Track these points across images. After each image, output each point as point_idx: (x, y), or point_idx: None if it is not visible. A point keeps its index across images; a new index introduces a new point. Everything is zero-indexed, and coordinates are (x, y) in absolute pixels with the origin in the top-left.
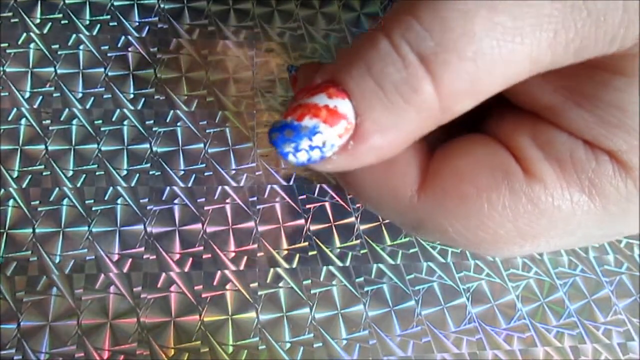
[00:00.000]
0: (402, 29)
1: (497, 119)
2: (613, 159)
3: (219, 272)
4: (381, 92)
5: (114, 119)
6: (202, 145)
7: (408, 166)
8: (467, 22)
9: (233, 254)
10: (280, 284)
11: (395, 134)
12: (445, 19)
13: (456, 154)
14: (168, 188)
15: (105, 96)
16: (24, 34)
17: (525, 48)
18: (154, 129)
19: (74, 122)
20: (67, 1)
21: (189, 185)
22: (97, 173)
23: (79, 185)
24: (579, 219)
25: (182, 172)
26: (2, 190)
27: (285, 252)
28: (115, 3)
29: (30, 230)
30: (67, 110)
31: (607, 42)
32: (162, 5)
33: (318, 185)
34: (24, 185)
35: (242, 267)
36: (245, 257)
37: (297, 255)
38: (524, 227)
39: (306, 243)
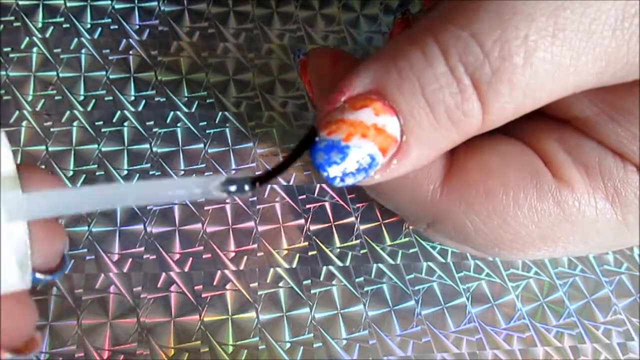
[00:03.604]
0: (459, 48)
1: (521, 121)
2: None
3: (219, 272)
4: (431, 113)
5: (114, 120)
6: (202, 145)
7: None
8: (529, 52)
9: (233, 254)
10: (280, 284)
11: (434, 152)
12: (507, 46)
13: (483, 150)
14: None
15: (106, 98)
16: (27, 38)
17: (574, 78)
18: (154, 129)
19: (75, 123)
20: (68, 5)
21: None
22: (97, 173)
23: (79, 185)
24: (600, 227)
25: (182, 172)
26: None
27: (285, 252)
28: (116, 6)
29: None
30: (68, 112)
31: None
32: (162, 8)
33: (318, 185)
34: None
35: (242, 267)
36: (245, 257)
37: (297, 255)
38: (546, 229)
39: (306, 243)
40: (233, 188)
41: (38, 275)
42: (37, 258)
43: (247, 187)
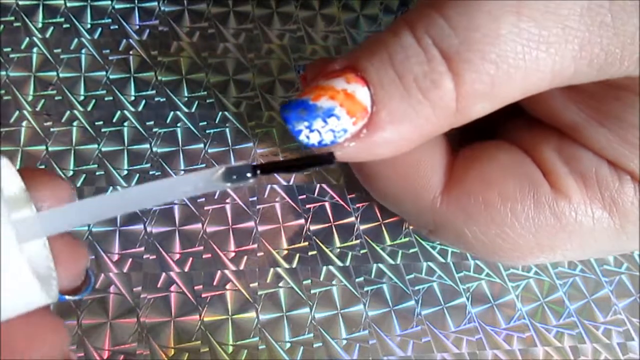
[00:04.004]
0: (425, 23)
1: (520, 128)
2: (634, 180)
3: (219, 272)
4: (400, 83)
5: (114, 120)
6: (202, 145)
7: (433, 168)
8: (494, 24)
9: (233, 254)
10: (280, 284)
11: (408, 129)
12: (472, 18)
13: (482, 159)
14: None
15: (106, 98)
16: (27, 39)
17: (549, 58)
18: (154, 129)
19: (75, 123)
20: (68, 5)
21: None
22: (97, 173)
23: (79, 185)
24: (597, 235)
25: (182, 172)
26: None
27: (285, 252)
28: (116, 6)
29: None
30: (68, 112)
31: (633, 62)
32: (162, 9)
33: (318, 185)
34: None
35: (242, 267)
36: (245, 257)
37: (297, 255)
38: (543, 239)
39: (306, 243)
40: (235, 177)
41: (67, 297)
42: (62, 280)
43: (249, 175)
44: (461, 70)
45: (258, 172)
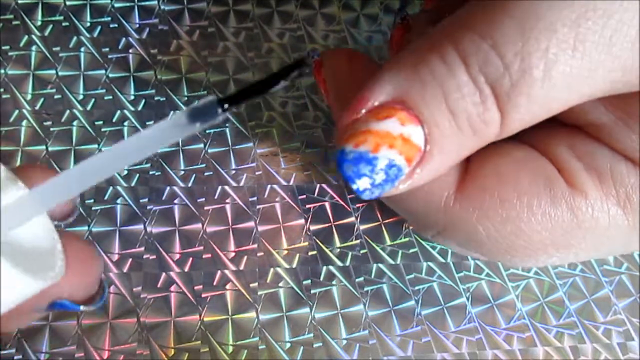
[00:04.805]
0: (480, 58)
1: (533, 127)
2: None
3: (219, 272)
4: (454, 121)
5: (114, 120)
6: (202, 145)
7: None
8: (548, 65)
9: (233, 254)
10: (280, 284)
11: (456, 159)
12: (527, 59)
13: (497, 157)
14: (168, 188)
15: (106, 97)
16: (26, 37)
17: (590, 89)
18: None
19: (75, 123)
20: (67, 3)
21: (189, 185)
22: None
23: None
24: (611, 233)
25: (182, 172)
26: None
27: (285, 252)
28: (116, 5)
29: None
30: (68, 111)
31: None
32: (162, 7)
33: (318, 185)
34: None
35: (242, 267)
36: (245, 257)
37: (297, 255)
38: (559, 236)
39: (306, 243)
40: (203, 116)
41: (82, 307)
42: (76, 290)
43: (219, 111)
44: (510, 112)
45: (226, 105)
